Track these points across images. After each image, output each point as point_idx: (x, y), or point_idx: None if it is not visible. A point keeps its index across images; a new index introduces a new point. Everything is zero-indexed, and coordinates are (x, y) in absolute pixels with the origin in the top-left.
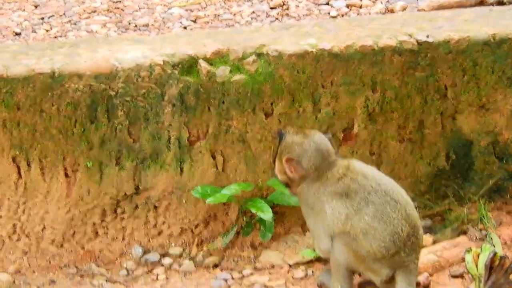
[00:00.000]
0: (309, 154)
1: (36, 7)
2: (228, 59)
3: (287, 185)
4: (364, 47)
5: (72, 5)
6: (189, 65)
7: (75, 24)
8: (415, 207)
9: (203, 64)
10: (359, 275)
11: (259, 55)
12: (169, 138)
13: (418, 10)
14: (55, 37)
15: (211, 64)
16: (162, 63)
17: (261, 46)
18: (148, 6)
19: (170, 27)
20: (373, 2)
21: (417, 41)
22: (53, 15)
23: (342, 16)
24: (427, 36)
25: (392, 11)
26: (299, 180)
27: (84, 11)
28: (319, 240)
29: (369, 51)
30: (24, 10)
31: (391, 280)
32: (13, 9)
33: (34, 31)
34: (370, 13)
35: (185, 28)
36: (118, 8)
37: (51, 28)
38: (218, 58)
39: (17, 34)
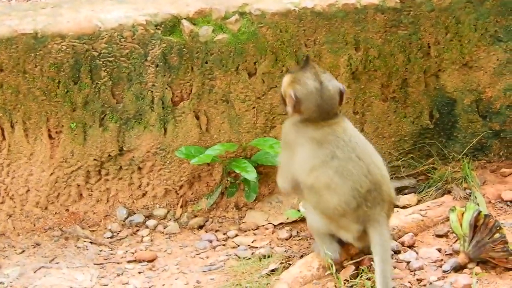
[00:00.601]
0: (310, 104)
1: None
2: (210, 19)
3: (283, 101)
4: (346, 5)
5: None
6: (172, 25)
7: None
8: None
9: (185, 24)
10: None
11: (242, 14)
12: (153, 99)
13: None
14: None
15: (194, 24)
16: (145, 23)
17: (243, 5)
18: None
19: None
20: None
21: None
22: None
23: None
24: None
25: None
26: (289, 114)
27: None
28: (282, 177)
29: (351, 9)
30: None
31: (365, 237)
32: None
33: None
34: None
35: None
36: None
37: None
38: (200, 17)
39: None
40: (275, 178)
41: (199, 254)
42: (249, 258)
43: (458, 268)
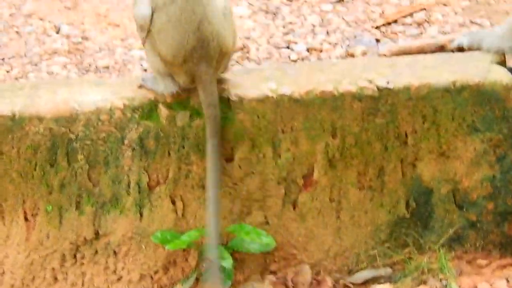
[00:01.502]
0: None
1: None
2: (188, 104)
3: None
4: (324, 92)
5: (33, 45)
6: (149, 109)
7: (35, 65)
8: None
9: (163, 108)
10: None
11: (220, 99)
12: (129, 183)
13: (379, 55)
14: (15, 78)
15: (171, 108)
16: (122, 106)
17: (221, 90)
18: (109, 47)
19: (131, 69)
20: (333, 46)
21: (377, 87)
22: (14, 56)
23: (303, 60)
24: (387, 82)
25: (352, 55)
26: None
27: (45, 52)
28: (139, 7)
29: (329, 96)
30: None
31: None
32: None
33: None
34: (330, 57)
35: (145, 70)
36: (79, 49)
37: (11, 69)
38: (177, 102)
39: None
40: (250, 265)
41: None
42: None
43: None
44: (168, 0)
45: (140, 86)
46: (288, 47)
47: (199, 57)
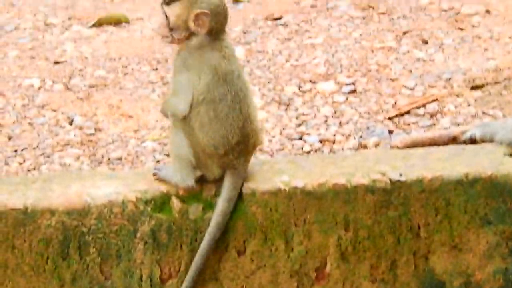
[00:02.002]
0: (220, 17)
1: (9, 139)
2: (201, 196)
3: (171, 29)
4: (337, 185)
5: (46, 137)
6: (161, 202)
7: (48, 157)
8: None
9: (175, 201)
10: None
11: None
12: (141, 276)
13: (391, 147)
14: (28, 170)
15: (183, 201)
16: (135, 199)
17: None
18: (122, 139)
19: (143, 161)
20: (346, 137)
21: (390, 179)
22: (27, 148)
23: (316, 151)
24: (400, 175)
25: (365, 146)
26: (200, 34)
27: (57, 143)
28: (184, 100)
29: (342, 189)
30: None
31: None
32: None
33: (7, 163)
34: (343, 149)
35: (157, 162)
36: (92, 140)
37: (24, 161)
38: (191, 195)
39: None
40: None
41: None
42: None
43: None
44: (218, 98)
45: (154, 175)
46: (301, 138)
47: (239, 151)
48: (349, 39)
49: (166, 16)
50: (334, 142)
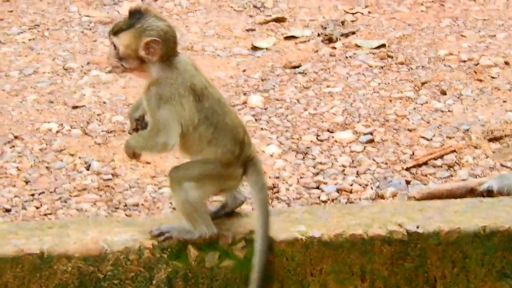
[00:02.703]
0: (170, 43)
1: (27, 183)
2: (217, 244)
3: (120, 59)
4: (354, 235)
5: (63, 181)
6: (178, 249)
7: (65, 202)
8: None
9: (192, 249)
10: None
11: (249, 241)
12: None
13: (409, 197)
14: (45, 215)
15: (200, 249)
16: (151, 246)
17: (251, 232)
18: (139, 185)
19: (160, 208)
20: (363, 187)
21: (407, 231)
22: (44, 192)
23: (333, 201)
24: (417, 227)
25: (382, 197)
26: (152, 62)
27: (74, 188)
28: (170, 133)
29: (359, 240)
30: (15, 185)
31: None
32: (4, 184)
33: (24, 207)
34: (360, 199)
35: (174, 209)
36: (109, 186)
37: (41, 205)
38: (207, 243)
39: (7, 210)
40: None
41: None
42: None
43: None
44: (209, 113)
45: (165, 240)
46: (318, 188)
47: (248, 142)
48: (367, 89)
49: (115, 46)
50: (351, 192)
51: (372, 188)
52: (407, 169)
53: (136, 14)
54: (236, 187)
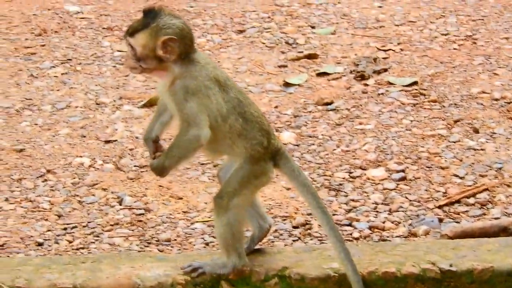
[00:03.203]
0: (186, 40)
1: (59, 217)
2: (250, 280)
3: (138, 60)
4: (387, 273)
5: (96, 216)
6: (211, 285)
7: (97, 236)
8: None
9: (225, 285)
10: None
11: (281, 277)
12: None
13: (441, 236)
14: (77, 249)
15: (233, 285)
16: (184, 282)
17: (283, 269)
18: (171, 220)
19: (193, 243)
20: (396, 225)
21: (440, 269)
22: (76, 226)
23: (365, 238)
24: (451, 265)
25: (415, 235)
26: (170, 61)
27: (107, 223)
28: (200, 124)
29: (392, 278)
30: (47, 219)
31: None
32: (36, 218)
33: (56, 241)
34: (392, 236)
35: (207, 244)
36: (141, 221)
37: (73, 240)
38: (240, 279)
39: (40, 244)
40: None
41: None
42: None
43: None
44: (236, 104)
45: (198, 276)
46: (350, 225)
47: (273, 132)
48: (399, 126)
49: (132, 47)
50: (383, 229)
51: (404, 226)
52: (440, 207)
53: (150, 14)
54: (269, 182)
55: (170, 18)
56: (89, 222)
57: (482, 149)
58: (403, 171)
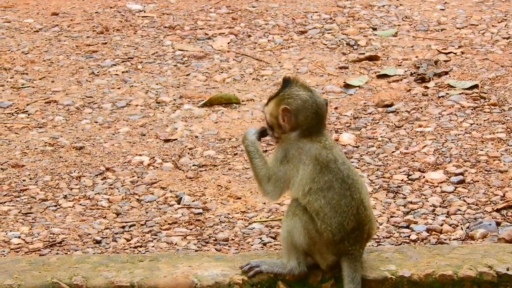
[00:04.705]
0: (308, 112)
1: (117, 215)
2: (306, 282)
3: (270, 128)
4: (443, 276)
5: (154, 214)
6: (268, 286)
7: (155, 234)
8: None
9: (281, 285)
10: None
11: (338, 279)
12: None
13: (499, 239)
14: (135, 247)
15: (289, 286)
16: (241, 282)
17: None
18: (229, 219)
19: (250, 243)
20: (454, 227)
21: (497, 273)
22: (134, 224)
23: (422, 240)
24: (507, 269)
25: (472, 238)
26: (287, 131)
27: (165, 221)
28: (276, 187)
29: (448, 280)
30: (105, 217)
31: (336, 267)
32: (95, 216)
33: (114, 239)
34: (450, 239)
35: (264, 244)
36: (199, 220)
37: (131, 238)
38: (297, 280)
39: (97, 242)
40: None
41: None
42: None
43: None
44: (327, 185)
45: (254, 275)
46: (408, 227)
47: (355, 238)
48: (459, 129)
49: (265, 115)
50: (441, 232)
51: (462, 229)
52: (498, 210)
53: (286, 83)
54: (322, 266)
55: (298, 88)
56: (147, 221)
57: None
58: (461, 174)
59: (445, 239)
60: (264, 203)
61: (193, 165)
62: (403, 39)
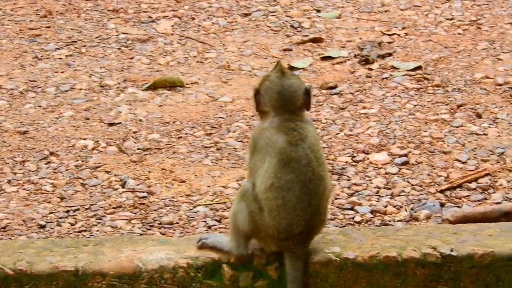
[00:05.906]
0: (272, 93)
1: (62, 199)
2: (251, 265)
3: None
4: (388, 257)
5: (98, 198)
6: (212, 269)
7: (100, 219)
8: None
9: (226, 269)
10: None
11: (283, 262)
12: None
13: (443, 220)
14: (79, 232)
15: (234, 269)
16: (186, 265)
17: None
18: (174, 203)
19: (195, 226)
20: (398, 209)
21: (441, 254)
22: (79, 209)
23: (367, 222)
24: (451, 250)
25: (416, 219)
26: (258, 114)
27: (109, 205)
28: (255, 180)
29: (392, 262)
30: (49, 202)
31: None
32: (39, 201)
33: (59, 224)
34: (394, 220)
35: (209, 228)
36: (144, 204)
37: (76, 222)
38: (240, 262)
39: (42, 226)
40: None
41: None
42: None
43: None
44: (285, 187)
45: (202, 246)
46: (352, 209)
47: (301, 239)
48: (403, 111)
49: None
50: (385, 214)
51: (406, 210)
52: (442, 191)
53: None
54: (265, 251)
55: (273, 72)
56: (91, 205)
57: (484, 134)
58: (405, 155)
59: (389, 221)
60: (209, 186)
61: (138, 149)
62: (347, 21)
